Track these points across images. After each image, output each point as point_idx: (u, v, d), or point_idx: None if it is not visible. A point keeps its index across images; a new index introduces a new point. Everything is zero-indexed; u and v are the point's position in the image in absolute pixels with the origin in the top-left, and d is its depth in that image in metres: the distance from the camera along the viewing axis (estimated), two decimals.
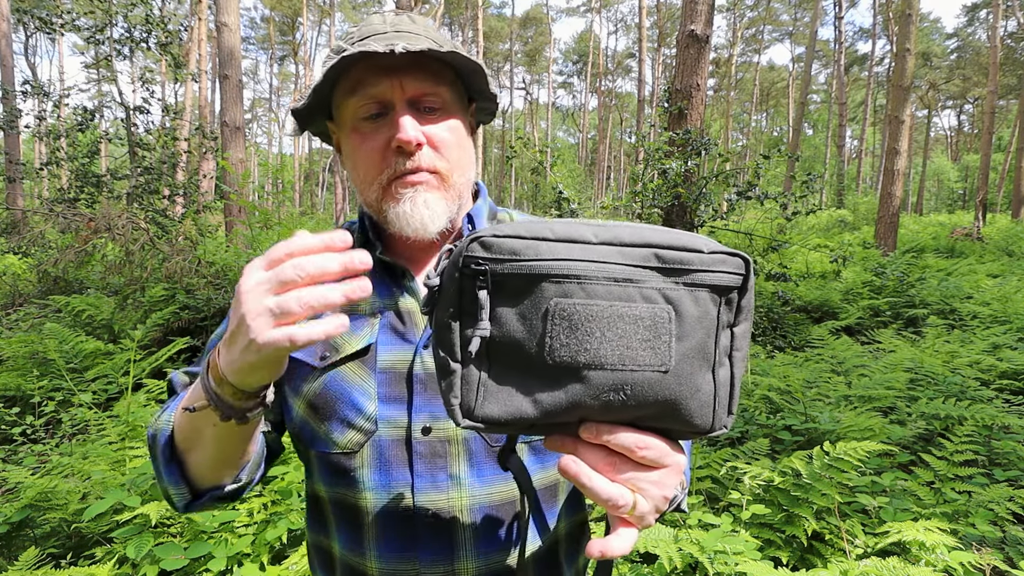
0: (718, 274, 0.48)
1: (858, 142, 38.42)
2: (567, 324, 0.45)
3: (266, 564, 1.89)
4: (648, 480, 0.50)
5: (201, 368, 0.59)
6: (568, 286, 0.46)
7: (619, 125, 48.62)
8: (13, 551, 2.06)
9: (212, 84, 24.83)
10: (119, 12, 8.74)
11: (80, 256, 5.11)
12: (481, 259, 0.46)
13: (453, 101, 0.72)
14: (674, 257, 0.47)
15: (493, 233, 0.47)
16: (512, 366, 0.48)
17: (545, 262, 0.46)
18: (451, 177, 0.71)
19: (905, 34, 9.45)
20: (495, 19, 44.07)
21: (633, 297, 0.46)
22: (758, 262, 5.68)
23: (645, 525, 0.51)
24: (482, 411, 0.48)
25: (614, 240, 0.47)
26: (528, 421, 0.48)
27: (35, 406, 3.42)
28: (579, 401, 0.46)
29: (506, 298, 0.47)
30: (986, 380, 3.64)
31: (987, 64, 22.13)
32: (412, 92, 0.68)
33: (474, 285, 0.47)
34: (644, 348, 0.46)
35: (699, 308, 0.48)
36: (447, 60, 0.69)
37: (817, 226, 16.80)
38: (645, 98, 30.44)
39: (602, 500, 0.48)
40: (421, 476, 0.68)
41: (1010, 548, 2.03)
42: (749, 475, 2.19)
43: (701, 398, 0.49)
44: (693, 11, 5.90)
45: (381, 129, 0.69)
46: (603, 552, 0.49)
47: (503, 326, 0.47)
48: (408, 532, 0.69)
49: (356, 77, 0.68)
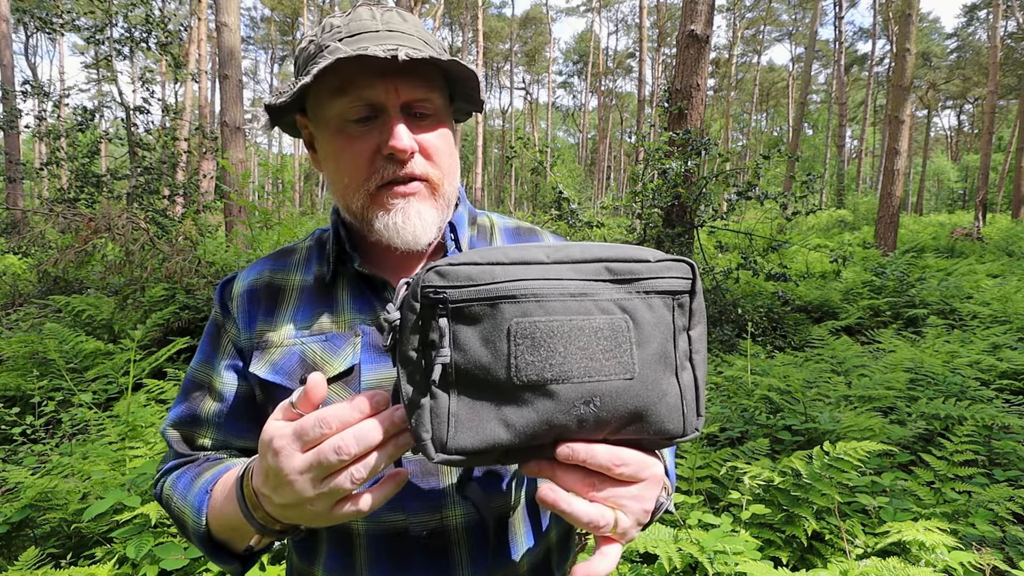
0: (667, 280, 0.50)
1: (858, 142, 38.42)
2: (530, 342, 0.46)
3: (266, 564, 1.89)
4: (628, 496, 0.50)
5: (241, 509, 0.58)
6: (526, 305, 0.46)
7: (619, 125, 48.62)
8: (13, 551, 2.06)
9: (212, 84, 24.83)
10: (119, 12, 8.74)
11: (80, 256, 5.11)
12: (439, 287, 0.47)
13: (443, 107, 0.70)
14: (623, 268, 0.49)
15: (448, 262, 0.48)
16: (481, 392, 0.47)
17: (501, 284, 0.47)
18: (442, 186, 0.69)
19: (905, 34, 9.45)
20: (495, 19, 44.07)
21: (590, 310, 0.47)
22: (758, 262, 5.68)
23: (628, 539, 0.51)
24: (455, 443, 0.47)
25: (566, 258, 0.49)
26: (504, 447, 0.47)
27: (35, 406, 3.41)
28: (551, 419, 0.46)
29: (467, 324, 0.47)
30: (986, 380, 3.63)
31: (987, 64, 22.13)
32: (406, 97, 0.65)
33: (434, 313, 0.47)
34: (607, 358, 0.47)
35: (654, 314, 0.49)
36: (445, 68, 0.66)
37: (817, 226, 16.81)
38: (645, 98, 30.44)
39: (583, 523, 0.48)
40: (413, 497, 0.66)
41: (1010, 548, 2.03)
42: (749, 475, 2.19)
43: (669, 402, 0.50)
44: (693, 11, 5.90)
45: (371, 133, 0.65)
46: (587, 573, 0.49)
47: (467, 352, 0.47)
48: (403, 554, 0.67)
49: (347, 76, 0.63)
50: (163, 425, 0.76)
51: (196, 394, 0.75)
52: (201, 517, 0.65)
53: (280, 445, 0.49)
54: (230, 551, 0.66)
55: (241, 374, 0.73)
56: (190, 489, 0.68)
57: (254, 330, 0.72)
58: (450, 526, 0.67)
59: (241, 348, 0.73)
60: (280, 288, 0.74)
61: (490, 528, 0.66)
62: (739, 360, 4.12)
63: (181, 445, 0.75)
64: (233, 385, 0.73)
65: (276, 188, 21.37)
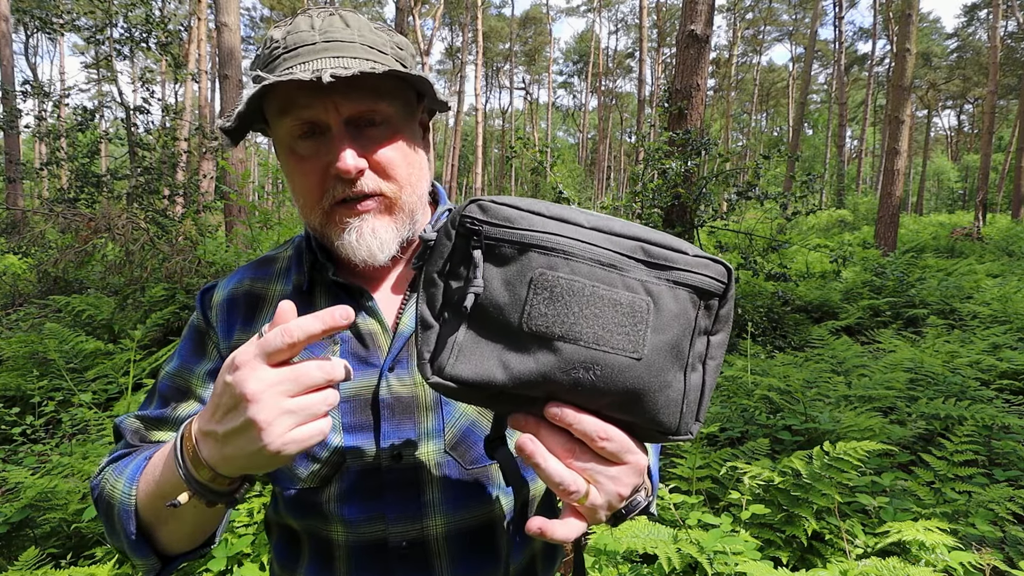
0: (700, 276, 0.50)
1: (858, 142, 38.42)
2: (548, 295, 0.47)
3: (266, 564, 1.89)
4: (605, 474, 0.49)
5: (174, 457, 0.53)
6: (555, 259, 0.47)
7: (619, 125, 48.62)
8: (13, 551, 2.06)
9: (212, 84, 24.82)
10: (119, 12, 8.74)
11: (80, 256, 5.11)
12: (477, 220, 0.48)
13: (396, 113, 0.66)
14: (660, 253, 0.49)
15: (492, 199, 0.49)
16: (489, 329, 0.48)
17: (537, 233, 0.48)
18: (399, 199, 0.67)
19: (905, 34, 9.45)
20: (495, 19, 44.07)
21: (615, 283, 0.48)
22: (758, 262, 5.68)
23: (595, 520, 0.50)
24: (453, 370, 0.48)
25: (605, 228, 0.49)
26: (496, 387, 0.48)
27: (35, 406, 3.41)
28: (549, 373, 0.47)
29: (494, 263, 0.48)
30: (986, 380, 3.63)
31: (987, 64, 22.12)
32: (348, 112, 0.62)
33: (468, 244, 0.49)
34: (619, 332, 0.47)
35: (678, 306, 0.49)
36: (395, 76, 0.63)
37: (817, 226, 16.81)
38: (645, 98, 30.44)
39: (554, 483, 0.47)
40: (394, 505, 0.65)
41: (1010, 548, 2.03)
42: (749, 475, 2.19)
43: (669, 395, 0.49)
44: (693, 11, 5.90)
45: (319, 151, 0.63)
46: (541, 529, 0.48)
47: (487, 289, 0.48)
48: (383, 565, 0.65)
49: (285, 96, 0.62)
50: (120, 417, 0.73)
51: (170, 398, 0.72)
52: (132, 487, 0.60)
53: (243, 360, 0.47)
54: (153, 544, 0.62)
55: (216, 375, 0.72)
56: (128, 465, 0.64)
57: (232, 339, 0.71)
58: (431, 536, 0.66)
59: (221, 354, 0.72)
60: (260, 297, 0.74)
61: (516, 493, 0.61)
62: (739, 360, 4.12)
63: (134, 437, 0.71)
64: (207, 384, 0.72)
65: (276, 188, 21.37)
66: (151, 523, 0.61)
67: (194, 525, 0.60)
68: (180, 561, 0.65)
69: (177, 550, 0.63)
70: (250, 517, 2.04)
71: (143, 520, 0.60)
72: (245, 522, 2.02)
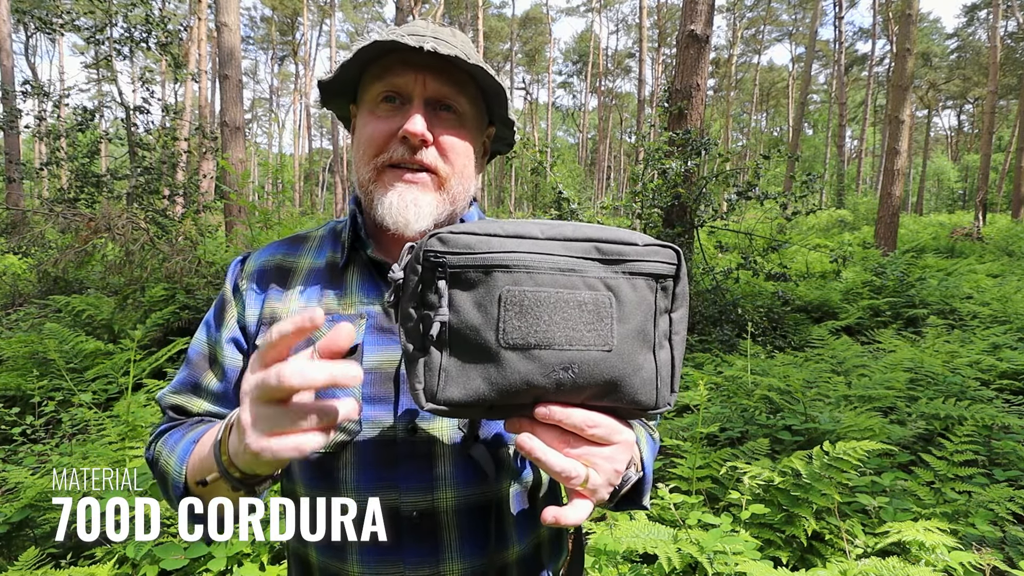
0: (652, 263, 0.54)
1: (858, 142, 38.41)
2: (518, 309, 0.50)
3: (266, 564, 1.89)
4: (600, 456, 0.53)
5: (214, 440, 0.59)
6: (518, 275, 0.50)
7: (619, 125, 48.61)
8: (13, 551, 2.06)
9: (212, 84, 24.82)
10: (119, 12, 8.73)
11: (80, 256, 5.11)
12: (439, 252, 0.51)
13: (470, 114, 0.73)
14: (612, 249, 0.53)
15: (450, 230, 0.52)
16: (470, 351, 0.51)
17: (497, 254, 0.51)
18: (449, 181, 0.71)
19: (905, 34, 9.45)
20: (495, 19, 44.06)
21: (577, 285, 0.51)
22: (758, 262, 5.67)
23: (599, 499, 0.55)
24: (444, 394, 0.51)
25: (558, 235, 0.52)
26: (488, 402, 0.51)
27: (35, 406, 3.41)
28: (532, 380, 0.50)
29: (463, 288, 0.51)
30: (986, 380, 3.63)
31: (987, 64, 22.12)
32: (432, 91, 0.69)
33: (434, 276, 0.51)
34: (588, 330, 0.50)
35: (637, 294, 0.53)
36: (471, 72, 0.70)
37: (817, 226, 16.80)
38: (645, 98, 30.43)
39: (556, 472, 0.51)
40: (406, 476, 0.68)
41: (1010, 548, 2.03)
42: (749, 475, 2.19)
43: (643, 376, 0.53)
44: (693, 11, 5.90)
45: (395, 116, 0.70)
46: (556, 518, 0.52)
47: (461, 313, 0.51)
48: (393, 534, 0.67)
49: (385, 65, 0.70)
50: (161, 392, 0.78)
51: (199, 364, 0.77)
52: (183, 466, 0.66)
53: (251, 362, 0.51)
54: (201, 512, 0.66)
55: (242, 350, 0.76)
56: (179, 442, 0.69)
57: (262, 307, 0.75)
58: (441, 508, 0.68)
59: (244, 325, 0.75)
60: (290, 270, 0.78)
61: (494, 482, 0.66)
62: (739, 360, 4.12)
63: (177, 412, 0.76)
64: (234, 359, 0.75)
65: (276, 188, 21.37)
66: (200, 496, 0.65)
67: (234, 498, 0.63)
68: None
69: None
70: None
71: (192, 495, 0.65)
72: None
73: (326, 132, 60.86)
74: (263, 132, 56.13)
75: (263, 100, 52.20)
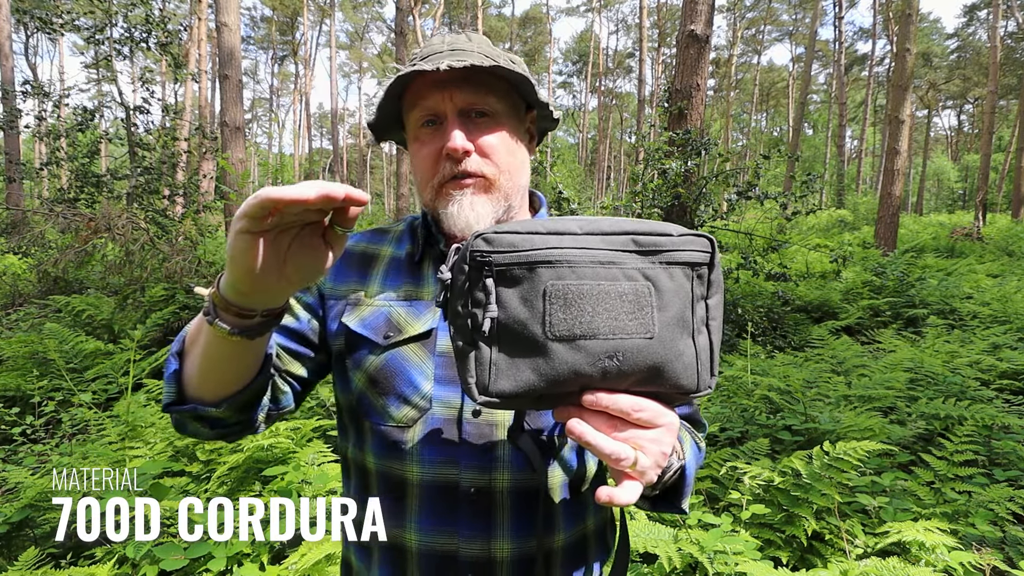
0: (688, 252, 0.56)
1: (858, 142, 38.42)
2: (562, 302, 0.52)
3: (266, 564, 1.89)
4: (647, 438, 0.55)
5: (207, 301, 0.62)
6: (560, 269, 0.53)
7: (619, 125, 48.61)
8: (13, 551, 2.06)
9: (212, 84, 24.82)
10: (119, 12, 8.73)
11: (80, 256, 5.11)
12: (485, 252, 0.54)
13: (503, 110, 0.77)
14: (649, 241, 0.55)
15: (494, 230, 0.55)
16: (518, 345, 0.54)
17: (539, 250, 0.53)
18: (498, 180, 0.76)
19: (905, 34, 9.45)
20: (495, 19, 44.05)
21: (616, 276, 0.54)
22: (758, 262, 5.67)
23: (647, 480, 0.56)
24: (495, 387, 0.54)
25: (596, 230, 0.55)
26: (537, 392, 0.54)
27: (35, 406, 3.41)
28: (579, 369, 0.52)
29: (508, 285, 0.54)
30: (986, 380, 3.63)
31: (987, 64, 22.12)
32: (461, 103, 0.74)
33: (480, 274, 0.54)
34: (630, 319, 0.53)
35: (674, 282, 0.55)
36: (491, 71, 0.73)
37: (817, 226, 16.80)
38: (645, 98, 30.42)
39: (606, 455, 0.53)
40: (468, 455, 0.73)
41: (1010, 548, 2.03)
42: (749, 475, 2.19)
43: (685, 360, 0.55)
44: (693, 11, 5.90)
45: (436, 137, 0.76)
46: (610, 498, 0.54)
47: (508, 309, 0.54)
48: (450, 507, 0.73)
49: (414, 92, 0.76)
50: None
51: None
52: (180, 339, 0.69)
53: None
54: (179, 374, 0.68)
55: (316, 315, 0.82)
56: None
57: (340, 284, 0.83)
58: (496, 488, 0.73)
59: (323, 293, 0.83)
60: (373, 256, 0.85)
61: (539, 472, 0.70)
62: (739, 360, 4.12)
63: None
64: (306, 316, 0.82)
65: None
66: (187, 349, 0.68)
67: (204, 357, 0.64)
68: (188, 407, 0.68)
69: (190, 391, 0.68)
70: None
71: (185, 343, 0.68)
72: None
73: (326, 132, 60.88)
74: (263, 132, 56.12)
75: (263, 100, 52.20)
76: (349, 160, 48.88)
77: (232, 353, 0.63)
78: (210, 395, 0.68)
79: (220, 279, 0.58)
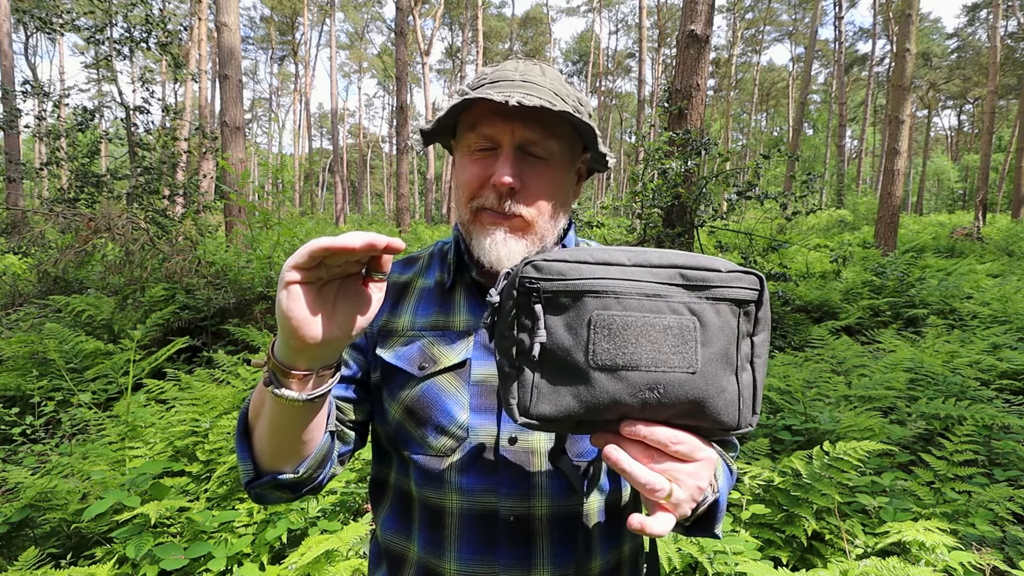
0: (736, 289, 0.56)
1: (858, 142, 38.40)
2: (607, 332, 0.53)
3: (266, 564, 1.89)
4: (684, 472, 0.55)
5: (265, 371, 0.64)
6: (606, 300, 0.54)
7: (619, 125, 48.61)
8: (13, 551, 2.06)
9: (212, 84, 24.83)
10: (119, 12, 8.72)
11: (80, 256, 5.11)
12: (534, 279, 0.55)
13: (560, 152, 0.76)
14: (696, 275, 0.55)
15: (543, 258, 0.56)
16: (561, 370, 0.55)
17: (587, 280, 0.54)
18: (536, 223, 0.76)
19: (905, 34, 9.45)
20: (495, 19, 44.03)
21: (662, 309, 0.54)
22: (758, 262, 5.67)
23: (681, 513, 0.56)
24: (536, 409, 0.55)
25: (644, 262, 0.56)
26: (576, 417, 0.55)
27: (35, 406, 3.41)
28: (619, 399, 0.53)
29: (555, 312, 0.55)
30: (986, 380, 3.63)
31: (987, 64, 22.11)
32: (521, 138, 0.73)
33: (529, 300, 0.55)
34: (674, 353, 0.53)
35: (720, 319, 0.55)
36: (565, 118, 0.73)
37: (817, 226, 16.80)
38: (645, 98, 30.42)
39: (640, 484, 0.53)
40: (506, 483, 0.73)
41: (1010, 548, 2.03)
42: (749, 475, 2.19)
43: (727, 397, 0.55)
44: (693, 11, 5.90)
45: (487, 163, 0.75)
46: (642, 525, 0.53)
47: (553, 335, 0.55)
48: (489, 535, 0.72)
49: (477, 115, 0.75)
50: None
51: None
52: (242, 418, 0.70)
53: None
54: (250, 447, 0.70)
55: (364, 353, 0.83)
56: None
57: (377, 321, 0.83)
58: (535, 515, 0.72)
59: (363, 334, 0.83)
60: (405, 287, 0.86)
61: (580, 493, 0.70)
62: None
63: None
64: (358, 360, 0.82)
65: (276, 188, 21.36)
66: (252, 421, 0.69)
67: (272, 428, 0.65)
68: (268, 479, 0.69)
69: (265, 463, 0.69)
70: (250, 517, 2.04)
71: (249, 420, 0.70)
72: (245, 522, 2.02)
73: (326, 132, 60.85)
74: (263, 132, 56.11)
75: (263, 100, 52.20)
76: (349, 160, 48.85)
77: (299, 417, 0.63)
78: (287, 463, 0.69)
79: (273, 345, 0.59)
